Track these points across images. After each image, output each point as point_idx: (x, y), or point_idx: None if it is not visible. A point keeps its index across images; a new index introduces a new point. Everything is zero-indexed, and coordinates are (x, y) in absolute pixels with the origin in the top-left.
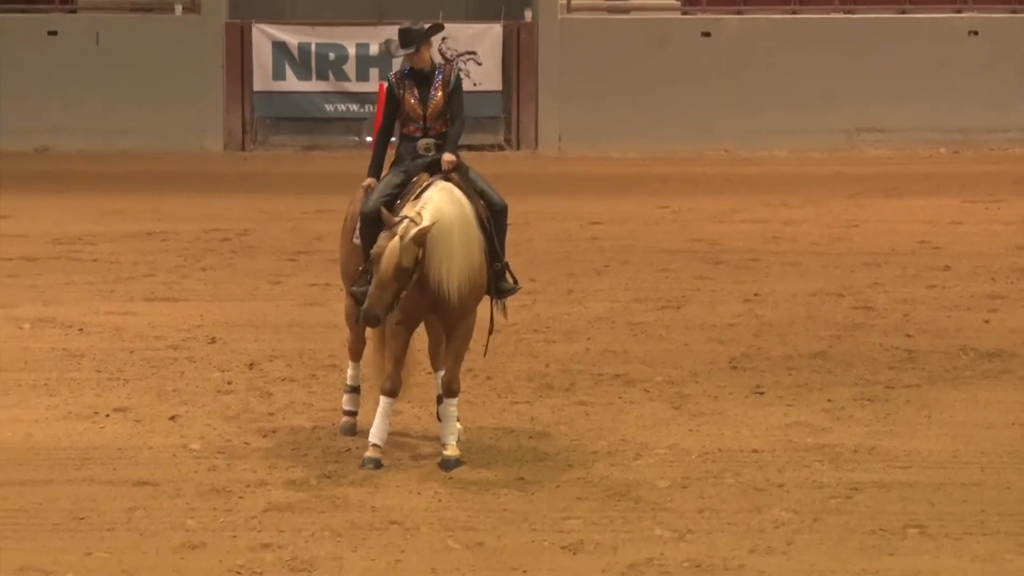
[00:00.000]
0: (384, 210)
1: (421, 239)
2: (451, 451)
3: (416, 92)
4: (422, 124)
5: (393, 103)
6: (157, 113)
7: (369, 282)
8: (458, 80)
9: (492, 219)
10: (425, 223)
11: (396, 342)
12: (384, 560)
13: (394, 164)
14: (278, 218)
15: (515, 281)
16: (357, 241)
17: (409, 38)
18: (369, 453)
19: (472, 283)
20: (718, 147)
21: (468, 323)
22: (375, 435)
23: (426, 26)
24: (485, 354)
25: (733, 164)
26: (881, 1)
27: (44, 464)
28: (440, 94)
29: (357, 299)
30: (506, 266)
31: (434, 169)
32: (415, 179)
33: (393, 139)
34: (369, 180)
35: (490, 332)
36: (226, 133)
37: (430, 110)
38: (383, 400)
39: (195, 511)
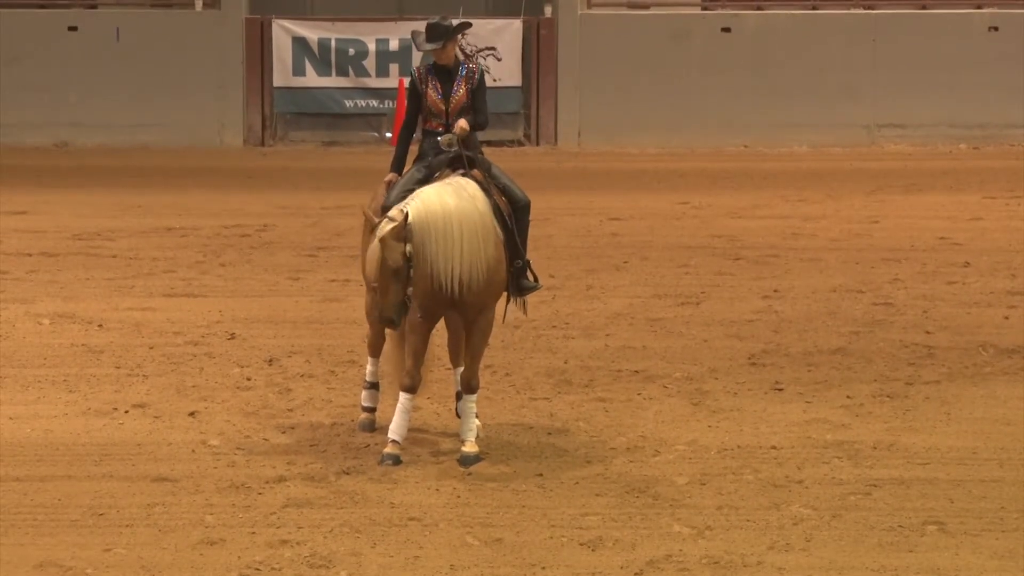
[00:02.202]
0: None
1: (399, 234)
2: (470, 447)
3: (439, 87)
4: (444, 120)
5: (415, 98)
6: (177, 108)
7: None
8: (482, 76)
9: (514, 215)
10: (399, 219)
11: (415, 338)
12: (403, 556)
13: (417, 159)
14: (297, 214)
15: (535, 279)
16: None
17: (437, 33)
18: (388, 449)
19: (487, 278)
20: (738, 142)
21: (487, 319)
22: (394, 431)
23: (454, 23)
24: (503, 320)
25: (753, 159)
26: None
27: (63, 460)
28: (463, 90)
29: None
30: (527, 264)
31: (457, 165)
32: (437, 174)
33: (416, 135)
34: (391, 175)
35: (503, 321)
36: (246, 129)
37: (452, 105)
38: (402, 396)
39: (214, 507)
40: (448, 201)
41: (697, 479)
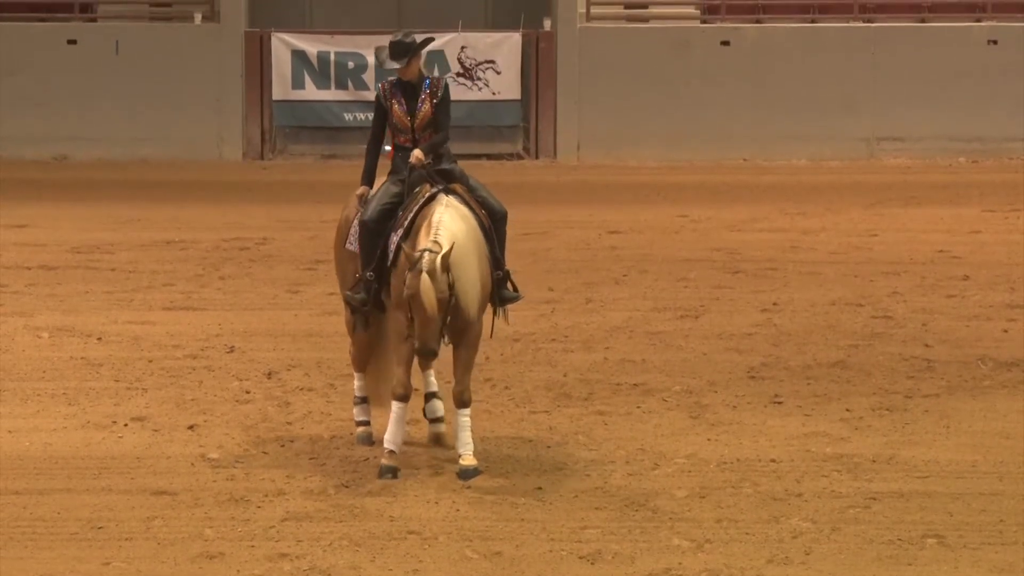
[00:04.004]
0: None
1: (447, 265)
2: (468, 460)
3: (403, 103)
4: (411, 135)
5: (381, 112)
6: (176, 122)
7: (365, 289)
8: (446, 92)
9: (493, 226)
10: (445, 247)
11: (404, 348)
12: (402, 570)
13: (391, 173)
14: (297, 227)
15: (515, 289)
16: (351, 247)
17: (399, 51)
18: (385, 461)
19: (481, 293)
20: (737, 156)
21: (475, 331)
22: (390, 441)
23: (418, 39)
24: (491, 334)
25: (752, 173)
26: (900, 9)
27: (62, 473)
28: (427, 105)
29: (351, 304)
30: (507, 274)
31: (436, 180)
32: (417, 189)
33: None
34: (362, 188)
35: (491, 335)
36: (245, 142)
37: (417, 121)
38: (395, 405)
39: (213, 520)
40: (462, 226)
41: (696, 492)
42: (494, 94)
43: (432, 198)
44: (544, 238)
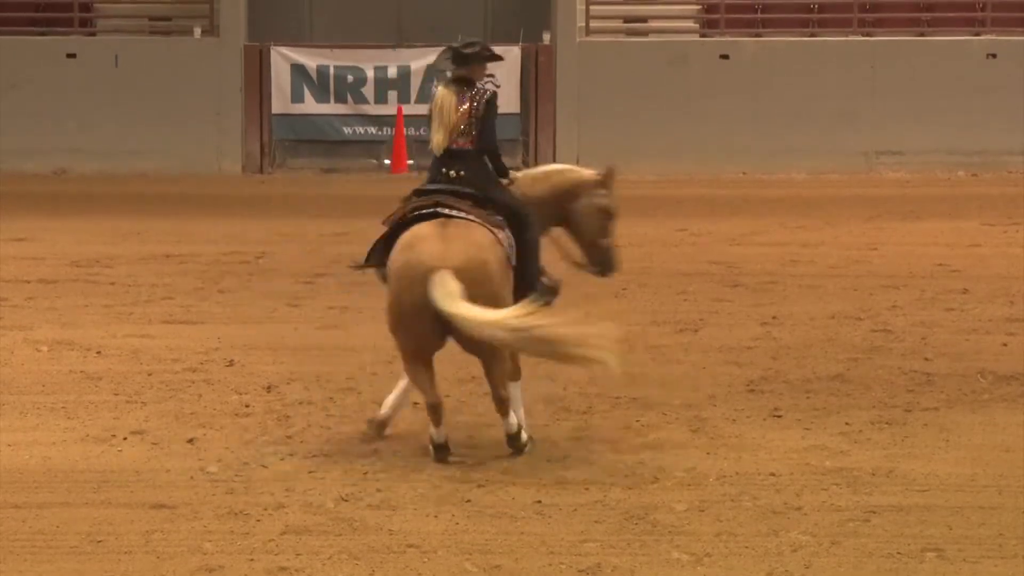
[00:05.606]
0: None
1: None
2: None
3: None
4: None
5: None
6: (175, 135)
7: None
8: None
9: None
10: None
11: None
12: None
13: None
14: (296, 240)
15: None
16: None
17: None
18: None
19: None
20: (736, 169)
21: None
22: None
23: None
24: None
25: (751, 186)
26: (899, 23)
27: (61, 487)
28: None
29: None
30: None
31: None
32: None
33: None
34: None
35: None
36: (244, 155)
37: None
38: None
39: (212, 534)
40: None
41: (696, 506)
42: None
43: None
44: (544, 251)
